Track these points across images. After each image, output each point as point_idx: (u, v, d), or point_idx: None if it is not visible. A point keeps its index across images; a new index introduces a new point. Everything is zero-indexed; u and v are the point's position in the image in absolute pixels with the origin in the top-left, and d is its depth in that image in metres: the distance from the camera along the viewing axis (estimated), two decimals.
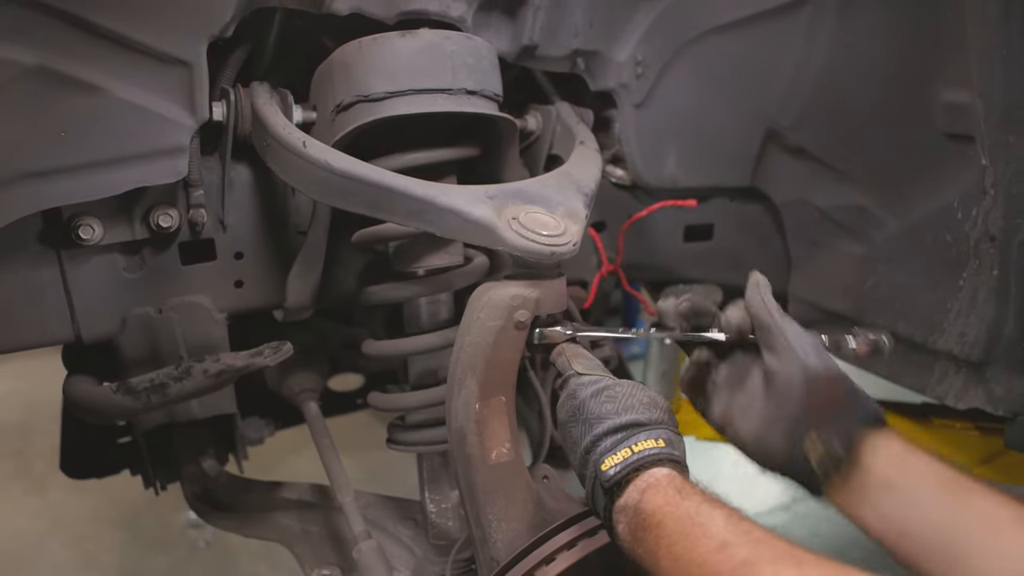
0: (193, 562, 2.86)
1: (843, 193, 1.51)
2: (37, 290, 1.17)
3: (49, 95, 1.02)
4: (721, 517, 0.78)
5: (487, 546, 1.07)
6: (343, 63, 1.17)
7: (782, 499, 3.06)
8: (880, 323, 1.53)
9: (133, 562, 2.84)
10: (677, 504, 0.81)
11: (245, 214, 1.29)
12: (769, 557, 0.72)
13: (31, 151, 1.03)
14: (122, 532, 2.95)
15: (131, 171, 1.10)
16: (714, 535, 0.76)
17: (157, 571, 2.79)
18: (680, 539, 0.78)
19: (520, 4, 1.26)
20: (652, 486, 0.84)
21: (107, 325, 1.23)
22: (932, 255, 1.40)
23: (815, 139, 1.49)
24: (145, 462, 1.43)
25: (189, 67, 1.09)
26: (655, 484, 0.84)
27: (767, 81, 1.45)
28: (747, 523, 0.78)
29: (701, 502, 0.81)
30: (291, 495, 1.45)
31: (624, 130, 1.51)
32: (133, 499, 2.53)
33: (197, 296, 1.27)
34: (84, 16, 1.00)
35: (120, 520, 3.03)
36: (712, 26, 1.39)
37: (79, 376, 1.27)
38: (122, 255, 1.22)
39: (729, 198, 1.68)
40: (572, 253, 1.06)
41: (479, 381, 1.06)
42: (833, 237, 1.56)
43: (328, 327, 1.74)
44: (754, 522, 0.78)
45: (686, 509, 0.80)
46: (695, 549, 0.76)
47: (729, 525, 0.77)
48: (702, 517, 0.79)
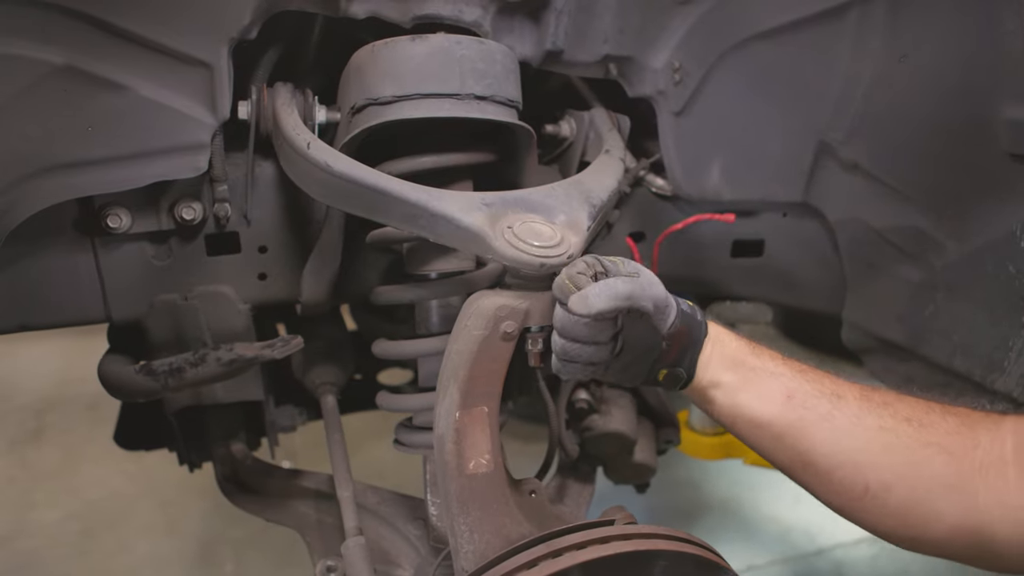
0: (268, 535, 3.01)
1: (900, 213, 1.39)
2: (73, 273, 1.27)
3: (77, 93, 1.09)
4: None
5: (459, 556, 1.07)
6: (358, 66, 1.19)
7: (817, 544, 2.90)
8: (937, 357, 1.41)
9: (213, 530, 3.00)
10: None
11: (269, 210, 1.33)
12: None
13: (60, 144, 1.11)
14: (206, 501, 3.13)
15: (153, 165, 1.16)
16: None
17: (234, 540, 2.94)
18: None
19: (543, 8, 1.24)
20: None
21: (136, 308, 1.31)
22: (993, 286, 1.28)
23: (869, 155, 1.38)
24: (178, 440, 1.51)
25: (210, 68, 1.14)
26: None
27: (816, 91, 1.36)
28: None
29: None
30: (310, 484, 1.49)
31: (663, 138, 1.45)
32: None
33: (221, 286, 1.33)
34: (108, 19, 1.06)
35: (206, 490, 3.22)
36: (753, 32, 1.32)
37: (113, 355, 1.36)
38: (151, 244, 1.29)
39: (782, 213, 1.59)
40: (565, 265, 1.03)
41: (461, 389, 1.05)
42: (890, 260, 1.45)
43: (372, 322, 1.78)
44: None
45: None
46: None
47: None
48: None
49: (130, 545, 2.92)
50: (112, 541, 2.94)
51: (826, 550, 2.88)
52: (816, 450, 0.97)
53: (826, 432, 0.96)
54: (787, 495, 3.10)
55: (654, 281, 0.99)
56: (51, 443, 3.58)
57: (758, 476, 3.12)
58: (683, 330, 1.01)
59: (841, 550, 2.86)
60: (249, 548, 2.89)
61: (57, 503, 3.12)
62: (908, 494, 0.92)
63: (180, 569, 2.86)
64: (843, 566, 2.80)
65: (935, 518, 0.91)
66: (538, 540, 0.99)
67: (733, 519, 3.04)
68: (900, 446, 0.93)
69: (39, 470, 3.37)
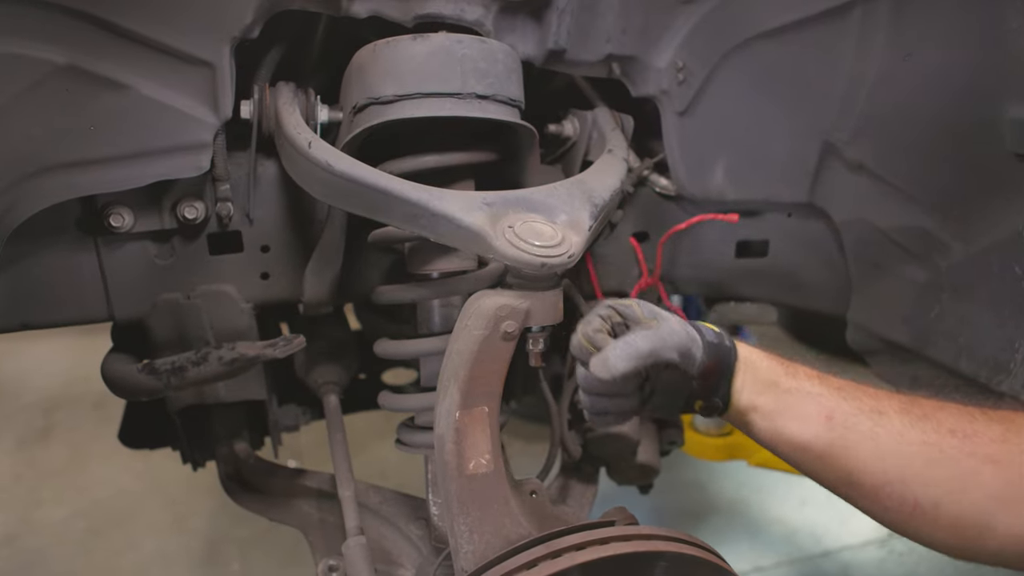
0: (273, 534, 3.01)
1: (905, 213, 1.38)
2: (76, 272, 1.27)
3: (79, 92, 1.10)
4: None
5: (459, 556, 1.06)
6: (359, 65, 1.19)
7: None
8: (942, 358, 1.40)
9: (219, 529, 3.01)
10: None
11: (272, 209, 1.33)
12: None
13: (62, 143, 1.12)
14: (213, 500, 3.13)
15: (155, 165, 1.17)
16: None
17: (240, 539, 2.95)
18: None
19: (545, 8, 1.24)
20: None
21: (139, 307, 1.31)
22: (999, 287, 1.27)
23: (875, 155, 1.37)
24: (181, 439, 1.51)
25: (212, 67, 1.14)
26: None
27: (820, 91, 1.35)
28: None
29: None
30: (313, 484, 1.49)
31: (667, 138, 1.45)
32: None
33: (224, 285, 1.34)
34: (110, 19, 1.06)
35: (212, 489, 3.23)
36: (757, 32, 1.31)
37: (116, 354, 1.36)
38: (153, 243, 1.30)
39: (787, 214, 1.58)
40: (567, 264, 1.03)
41: (461, 389, 1.05)
42: (895, 261, 1.44)
43: (376, 322, 1.78)
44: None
45: None
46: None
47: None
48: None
49: (136, 543, 2.93)
50: (119, 539, 2.95)
51: (833, 552, 2.86)
52: (861, 469, 0.95)
53: (869, 451, 0.94)
54: (793, 497, 3.09)
55: (675, 329, 0.98)
56: (58, 441, 3.59)
57: (764, 478, 3.11)
58: (712, 365, 1.00)
59: (848, 552, 2.85)
60: (255, 547, 2.90)
61: (64, 501, 3.14)
62: (958, 509, 0.90)
63: (186, 567, 2.87)
64: (850, 568, 2.78)
65: (988, 530, 0.89)
66: (538, 541, 0.99)
67: (739, 520, 3.03)
68: (946, 460, 0.90)
69: (46, 468, 3.39)
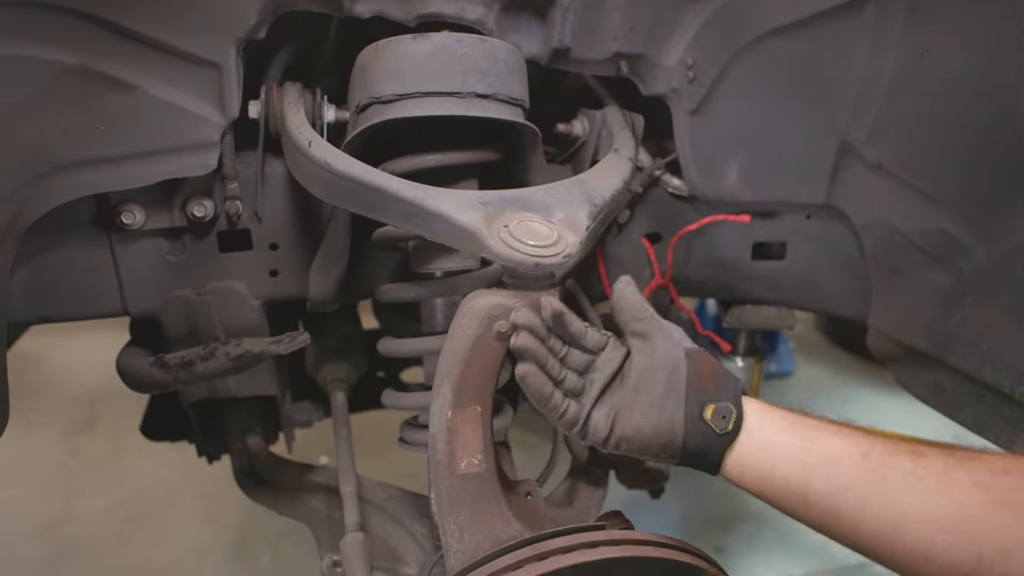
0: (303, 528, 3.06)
1: (926, 215, 1.34)
2: (90, 267, 1.30)
3: (90, 92, 1.12)
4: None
5: (449, 555, 1.06)
6: (362, 65, 1.20)
7: (858, 558, 2.79)
8: (965, 366, 1.35)
9: (251, 522, 3.06)
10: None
11: (280, 207, 1.35)
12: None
13: (74, 143, 1.15)
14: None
15: (164, 163, 1.19)
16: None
17: (270, 533, 2.99)
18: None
19: (548, 6, 1.23)
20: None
21: (151, 302, 1.34)
22: (1023, 293, 1.22)
23: (894, 155, 1.33)
24: (195, 432, 1.54)
25: (218, 68, 1.16)
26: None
27: (836, 89, 1.32)
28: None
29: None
30: (321, 479, 1.51)
31: (678, 137, 1.43)
32: None
33: (233, 282, 1.36)
34: (118, 21, 1.09)
35: None
36: (769, 28, 1.28)
37: (131, 348, 1.39)
38: (165, 240, 1.32)
39: (805, 215, 1.54)
40: (562, 264, 1.02)
41: (453, 389, 1.05)
42: (916, 264, 1.39)
43: (392, 319, 1.78)
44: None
45: None
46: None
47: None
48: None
49: (171, 534, 3.00)
50: (155, 529, 3.02)
51: (867, 564, 2.78)
52: (909, 516, 0.81)
53: (917, 493, 0.81)
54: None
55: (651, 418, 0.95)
56: (101, 433, 3.70)
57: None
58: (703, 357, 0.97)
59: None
60: (285, 540, 2.94)
61: (104, 491, 3.23)
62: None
63: (219, 559, 2.93)
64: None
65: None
66: (526, 542, 0.98)
67: (771, 529, 2.97)
68: (1010, 503, 0.77)
69: (89, 458, 3.50)
